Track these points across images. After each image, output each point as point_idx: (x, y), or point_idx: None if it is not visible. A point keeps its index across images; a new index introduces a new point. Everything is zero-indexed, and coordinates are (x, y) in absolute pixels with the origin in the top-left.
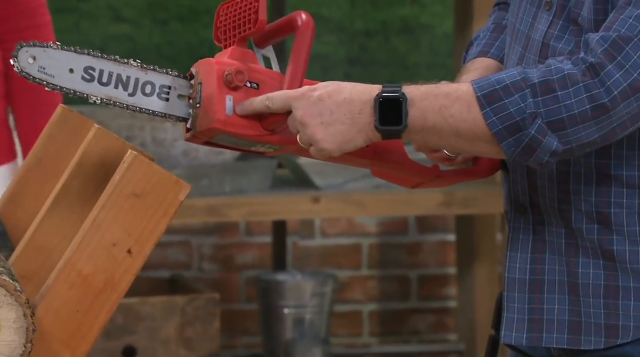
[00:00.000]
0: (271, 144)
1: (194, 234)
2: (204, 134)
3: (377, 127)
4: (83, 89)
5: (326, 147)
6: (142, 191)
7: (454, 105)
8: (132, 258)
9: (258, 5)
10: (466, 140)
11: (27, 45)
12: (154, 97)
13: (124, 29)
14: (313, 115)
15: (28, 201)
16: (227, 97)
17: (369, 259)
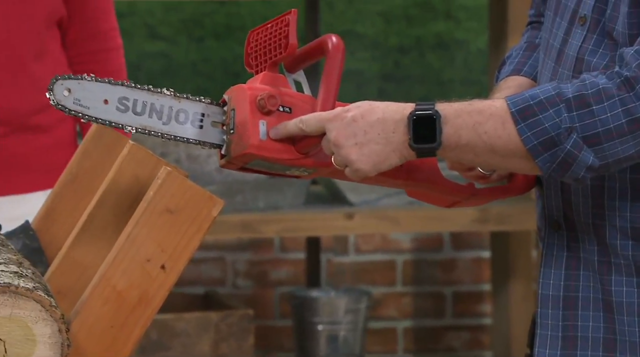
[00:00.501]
0: (306, 168)
1: (228, 250)
2: (238, 159)
3: (411, 146)
4: (118, 119)
5: (361, 167)
6: (176, 206)
7: (488, 121)
8: (166, 274)
9: (288, 30)
10: (501, 157)
11: (62, 78)
12: (188, 124)
13: (159, 46)
14: (347, 136)
15: (63, 217)
16: (260, 122)
17: (404, 276)
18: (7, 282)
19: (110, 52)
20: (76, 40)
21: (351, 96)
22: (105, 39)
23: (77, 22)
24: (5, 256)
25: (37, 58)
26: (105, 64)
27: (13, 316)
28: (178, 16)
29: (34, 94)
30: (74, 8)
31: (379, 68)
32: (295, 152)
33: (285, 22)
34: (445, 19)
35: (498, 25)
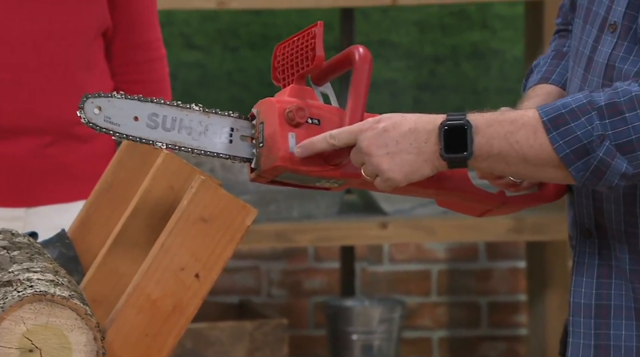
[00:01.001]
0: (336, 179)
1: (262, 260)
2: (268, 172)
3: (442, 156)
4: (148, 136)
5: (393, 176)
6: (210, 215)
7: (519, 131)
8: (200, 282)
9: (315, 42)
10: (534, 166)
11: (92, 96)
12: (218, 139)
13: (195, 56)
14: (379, 145)
15: (98, 226)
16: (289, 134)
17: (438, 286)
18: (44, 290)
19: (154, 63)
20: (120, 51)
21: (386, 106)
22: (149, 49)
23: (122, 32)
24: (41, 264)
25: (85, 68)
26: (149, 74)
27: (49, 324)
28: (214, 26)
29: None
30: (119, 18)
31: (414, 77)
32: (325, 165)
33: (311, 34)
34: (480, 28)
35: (534, 34)
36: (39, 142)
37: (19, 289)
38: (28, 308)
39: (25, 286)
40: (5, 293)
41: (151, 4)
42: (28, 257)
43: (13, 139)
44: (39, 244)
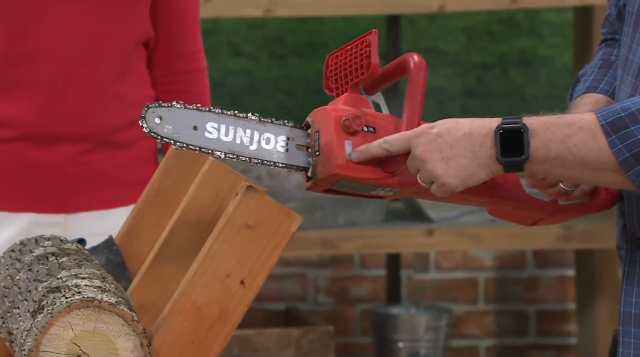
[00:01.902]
0: (392, 187)
1: (309, 267)
2: (325, 181)
3: (498, 159)
4: (207, 145)
5: (448, 182)
6: (255, 222)
7: (577, 134)
8: (245, 289)
9: (370, 51)
10: (591, 170)
11: (154, 106)
12: (274, 148)
13: (242, 63)
14: (433, 151)
15: (146, 232)
16: (346, 142)
17: (486, 294)
18: (91, 296)
19: (194, 74)
20: (161, 61)
21: (433, 113)
22: (190, 60)
23: (164, 42)
24: (89, 270)
25: (123, 77)
26: (189, 85)
27: (97, 330)
28: (261, 34)
29: (118, 112)
30: (161, 29)
31: (461, 85)
32: (381, 172)
33: (366, 42)
34: (529, 35)
35: (583, 40)
36: (77, 149)
37: (67, 295)
38: (76, 314)
39: (73, 292)
40: (53, 299)
41: (194, 14)
42: (76, 263)
43: (52, 146)
44: (87, 251)
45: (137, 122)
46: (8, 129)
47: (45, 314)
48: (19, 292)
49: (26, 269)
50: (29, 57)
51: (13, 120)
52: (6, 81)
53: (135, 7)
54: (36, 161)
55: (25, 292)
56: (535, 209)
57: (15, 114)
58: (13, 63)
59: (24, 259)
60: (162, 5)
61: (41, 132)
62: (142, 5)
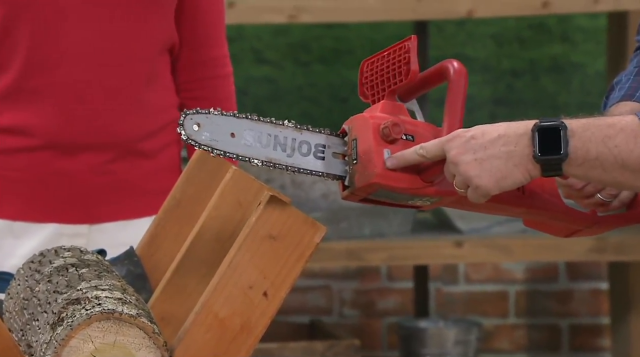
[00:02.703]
0: (430, 197)
1: (334, 279)
2: (363, 190)
3: (535, 157)
4: (245, 152)
5: (482, 184)
6: (278, 233)
7: (618, 135)
8: (268, 301)
9: (409, 57)
10: (631, 173)
11: (192, 113)
12: (311, 156)
13: (265, 71)
14: (466, 152)
15: (167, 243)
16: (384, 150)
17: (517, 307)
18: (111, 308)
19: (219, 80)
20: (186, 67)
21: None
22: (215, 66)
23: (188, 48)
24: (109, 282)
25: (147, 84)
26: (214, 92)
27: (117, 343)
28: (285, 40)
29: (142, 120)
30: (185, 34)
31: (491, 92)
32: (420, 181)
33: (404, 48)
34: (561, 41)
35: (616, 47)
36: (101, 158)
37: (87, 307)
38: (96, 326)
39: (94, 304)
40: (73, 311)
41: (219, 20)
42: (96, 274)
43: (75, 155)
44: (107, 262)
45: (161, 130)
46: (31, 138)
47: (64, 327)
48: (38, 304)
49: (46, 280)
50: (51, 64)
51: (35, 128)
52: (28, 89)
53: (159, 12)
54: (59, 171)
55: (45, 304)
56: (574, 220)
57: (38, 122)
58: (35, 70)
59: (43, 270)
60: (186, 9)
61: (64, 141)
62: (166, 10)
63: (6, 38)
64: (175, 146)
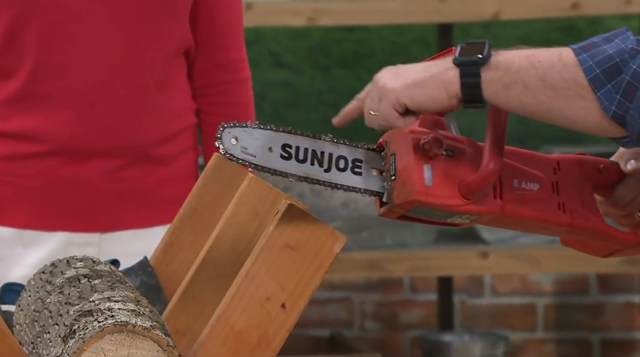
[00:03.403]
0: (470, 214)
1: (355, 291)
2: (401, 207)
3: (454, 61)
4: (282, 167)
5: (393, 86)
6: (297, 242)
7: (543, 53)
8: (286, 313)
9: None
10: (554, 93)
11: (229, 126)
12: (348, 172)
13: (284, 75)
14: (387, 71)
15: (182, 253)
16: (425, 167)
17: (545, 321)
18: (125, 320)
19: (237, 84)
20: (203, 71)
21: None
22: (232, 70)
23: (205, 52)
24: (122, 293)
25: (161, 88)
26: (232, 96)
27: (131, 356)
28: (304, 44)
29: (156, 125)
30: (201, 38)
31: None
32: (460, 198)
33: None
34: None
35: None
36: (113, 165)
37: (100, 319)
38: (109, 339)
39: (106, 315)
40: (85, 323)
41: (236, 22)
42: (109, 285)
43: (86, 161)
44: (120, 272)
45: (177, 135)
46: (40, 144)
47: (76, 339)
48: (49, 316)
49: (57, 291)
50: (61, 68)
51: (46, 134)
52: (38, 93)
53: (173, 14)
54: (70, 177)
55: (56, 316)
56: (615, 239)
57: (48, 128)
58: (45, 74)
59: (55, 281)
60: (202, 11)
61: (75, 147)
62: (181, 12)
63: (15, 40)
64: (191, 153)
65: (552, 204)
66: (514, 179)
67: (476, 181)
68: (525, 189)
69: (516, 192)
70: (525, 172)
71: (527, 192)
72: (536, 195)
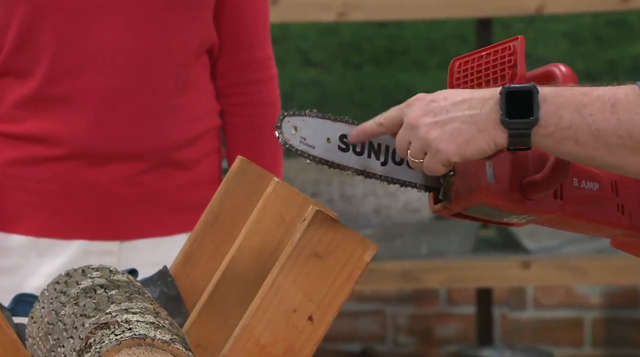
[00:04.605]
0: (529, 215)
1: (388, 303)
2: (460, 205)
3: (503, 121)
4: (340, 159)
5: (442, 148)
6: (325, 251)
7: (594, 103)
8: (314, 326)
9: (515, 59)
10: (607, 148)
11: (289, 115)
12: (404, 165)
13: (313, 73)
14: (426, 114)
15: (204, 262)
16: (487, 163)
17: (593, 336)
18: (143, 333)
19: (263, 84)
20: (227, 70)
21: None
22: (259, 68)
23: (230, 50)
24: (141, 304)
25: (183, 89)
26: (258, 96)
27: None
28: (334, 40)
29: (177, 128)
30: (226, 35)
31: None
32: (521, 197)
33: (509, 49)
34: None
35: None
36: (133, 170)
37: (117, 332)
38: (126, 353)
39: (124, 328)
40: (102, 336)
41: (263, 18)
42: (127, 296)
43: (104, 165)
44: (138, 283)
45: (199, 138)
46: (56, 147)
47: (92, 353)
48: (64, 329)
49: (72, 303)
50: (78, 68)
51: (62, 137)
52: (54, 95)
53: (197, 10)
54: (87, 182)
55: (71, 329)
56: None
57: (65, 130)
58: (61, 75)
59: (69, 292)
60: (227, 7)
61: (93, 151)
62: (204, 8)
63: (30, 39)
64: (215, 156)
65: (612, 205)
66: (574, 177)
67: (544, 179)
68: (585, 189)
69: (576, 191)
70: (584, 170)
71: (586, 192)
72: (596, 195)
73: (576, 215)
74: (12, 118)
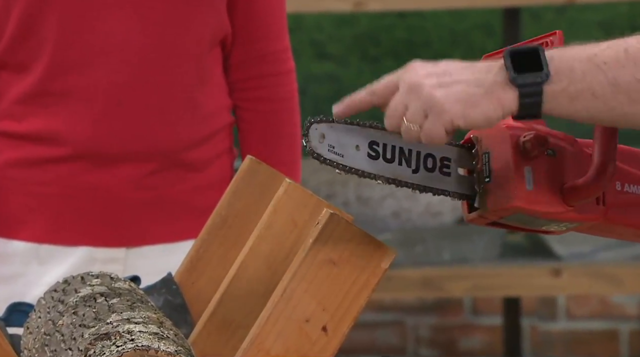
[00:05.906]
0: (569, 222)
1: (408, 313)
2: (497, 213)
3: (512, 80)
4: (370, 168)
5: (448, 108)
6: (340, 257)
7: (605, 52)
8: (328, 337)
9: None
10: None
11: (316, 122)
12: (437, 172)
13: (328, 67)
14: (429, 76)
15: (211, 269)
16: (525, 169)
17: (630, 349)
18: (146, 344)
19: (280, 77)
20: (241, 62)
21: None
22: (274, 61)
23: (244, 42)
24: (144, 314)
25: (195, 84)
26: (274, 91)
27: None
28: (350, 32)
29: (188, 126)
30: (240, 25)
31: None
32: (562, 205)
33: (547, 45)
34: None
35: None
36: (140, 171)
37: (118, 343)
38: None
39: (126, 339)
40: (102, 348)
41: (279, 8)
42: (129, 305)
43: (111, 166)
44: (141, 291)
45: (211, 137)
46: (59, 147)
47: None
48: (62, 340)
49: (70, 312)
50: (82, 61)
51: (65, 136)
52: (56, 90)
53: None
54: (92, 185)
55: (70, 340)
56: None
57: (68, 129)
58: (64, 69)
59: (68, 301)
60: None
61: (98, 151)
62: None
63: (31, 29)
64: (227, 156)
65: None
66: (617, 181)
67: (587, 184)
68: (628, 193)
69: (619, 196)
70: (627, 173)
71: (630, 196)
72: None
73: (620, 222)
74: (12, 115)
